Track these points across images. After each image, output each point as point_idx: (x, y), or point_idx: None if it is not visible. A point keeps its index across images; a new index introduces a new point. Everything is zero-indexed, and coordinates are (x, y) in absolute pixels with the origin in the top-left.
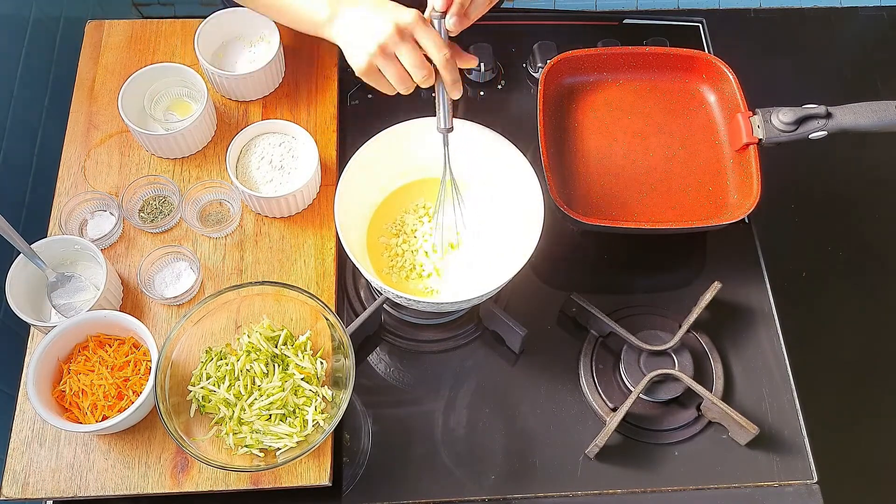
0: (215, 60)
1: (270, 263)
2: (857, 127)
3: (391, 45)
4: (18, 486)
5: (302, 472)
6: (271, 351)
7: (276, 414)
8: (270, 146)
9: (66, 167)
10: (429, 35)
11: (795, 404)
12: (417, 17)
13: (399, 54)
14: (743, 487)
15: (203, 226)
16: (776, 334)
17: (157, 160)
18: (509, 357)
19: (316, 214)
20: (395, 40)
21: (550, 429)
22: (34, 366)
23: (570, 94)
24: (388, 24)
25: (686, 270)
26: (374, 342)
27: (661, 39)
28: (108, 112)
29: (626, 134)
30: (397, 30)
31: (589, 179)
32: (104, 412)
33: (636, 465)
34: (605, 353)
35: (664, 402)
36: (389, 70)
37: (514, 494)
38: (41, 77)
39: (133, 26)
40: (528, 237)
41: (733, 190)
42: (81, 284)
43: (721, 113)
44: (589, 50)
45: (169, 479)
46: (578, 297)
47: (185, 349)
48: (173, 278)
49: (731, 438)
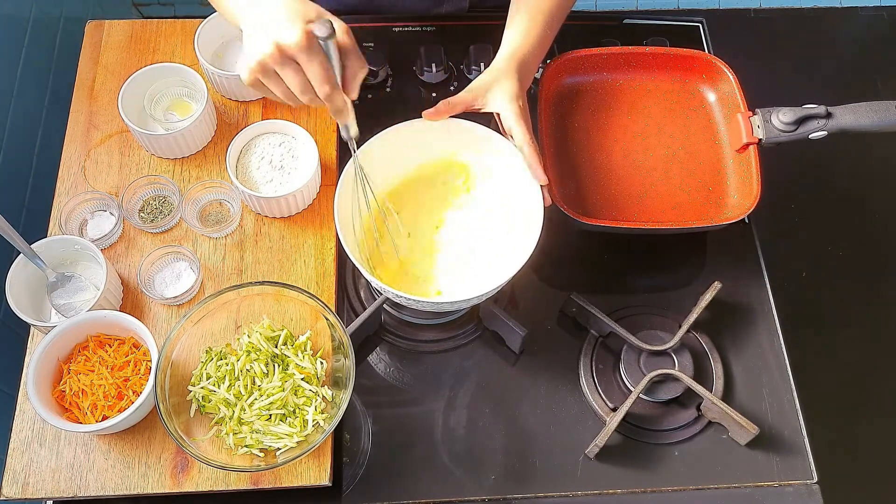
0: (215, 60)
1: (270, 263)
2: (857, 127)
3: (271, 64)
4: (18, 486)
5: (302, 472)
6: (271, 351)
7: (276, 414)
8: (270, 146)
9: (66, 167)
10: (313, 64)
11: (795, 404)
12: (302, 41)
13: (282, 75)
14: (743, 487)
15: (203, 226)
16: (776, 334)
17: (157, 160)
18: (509, 357)
19: (316, 214)
20: (276, 61)
21: (550, 429)
22: (34, 366)
23: (570, 94)
24: (268, 45)
25: (686, 270)
26: (374, 342)
27: (661, 39)
28: (108, 112)
29: (626, 134)
30: (278, 51)
31: (589, 179)
32: (104, 412)
33: (636, 465)
34: (605, 353)
35: (664, 402)
36: (273, 87)
37: (514, 494)
38: (41, 77)
39: (133, 26)
40: (528, 237)
41: (733, 190)
42: (81, 284)
43: (721, 113)
44: (589, 50)
45: (169, 479)
46: (578, 297)
47: (185, 349)
48: (173, 278)
49: (731, 438)
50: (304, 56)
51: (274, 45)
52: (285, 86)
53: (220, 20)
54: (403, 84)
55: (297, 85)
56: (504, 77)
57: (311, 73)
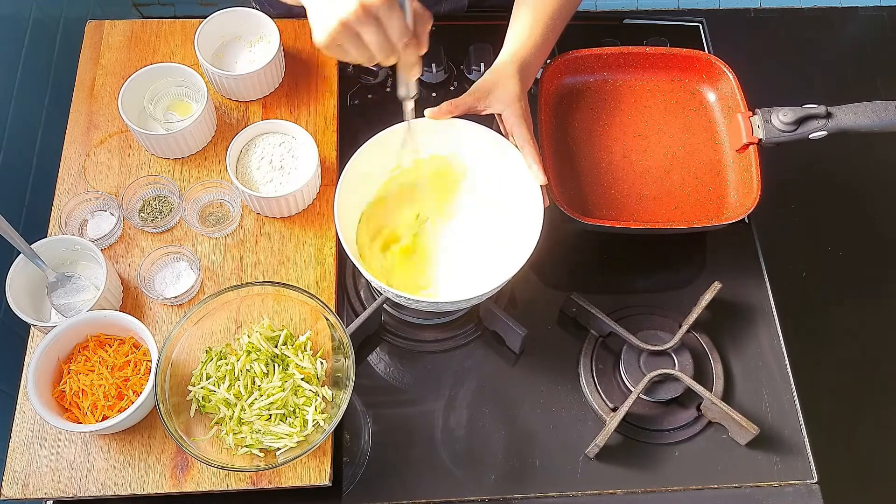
0: (215, 60)
1: (270, 263)
2: (857, 127)
3: (354, 23)
4: (18, 486)
5: (302, 472)
6: (271, 351)
7: (276, 414)
8: (270, 146)
9: (66, 167)
10: (392, 19)
11: (795, 404)
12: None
13: (362, 33)
14: (743, 487)
15: (203, 226)
16: (776, 334)
17: (157, 160)
18: (509, 357)
19: (316, 214)
20: (359, 19)
21: (550, 429)
22: (34, 366)
23: (570, 94)
24: (353, 3)
25: (686, 270)
26: (374, 342)
27: (661, 39)
28: (108, 112)
29: (626, 134)
30: (363, 8)
31: (589, 179)
32: (104, 412)
33: (636, 465)
34: (605, 353)
35: (664, 402)
36: (350, 46)
37: (514, 494)
38: (41, 77)
39: (133, 26)
40: (528, 237)
41: (733, 190)
42: (81, 284)
43: (721, 113)
44: (589, 50)
45: (169, 479)
46: (578, 297)
47: (185, 349)
48: (173, 278)
49: (731, 438)
50: (387, 11)
51: (358, 3)
52: (362, 43)
53: (220, 20)
54: None
55: (378, 43)
56: (506, 78)
57: (391, 28)
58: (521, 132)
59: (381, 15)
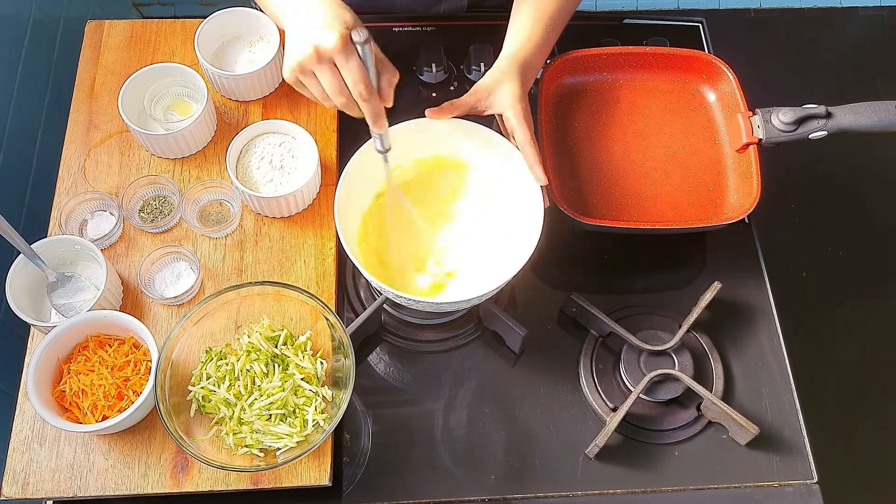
0: (215, 60)
1: (270, 263)
2: (857, 127)
3: (308, 64)
4: (18, 486)
5: (302, 472)
6: (271, 351)
7: (276, 414)
8: (270, 146)
9: (66, 167)
10: (348, 67)
11: (795, 404)
12: (339, 44)
13: (318, 75)
14: (743, 487)
15: (203, 226)
16: (776, 334)
17: (157, 160)
18: (509, 357)
19: (316, 214)
20: (313, 61)
21: (550, 429)
22: (34, 366)
23: (570, 94)
24: (308, 47)
25: (686, 270)
26: (374, 342)
27: (661, 39)
28: (108, 112)
29: (626, 134)
30: (316, 53)
31: (589, 179)
32: (104, 412)
33: (636, 465)
34: (605, 353)
35: (664, 402)
36: (310, 88)
37: (514, 494)
38: (41, 77)
39: (133, 26)
40: (529, 237)
41: (733, 190)
42: (81, 284)
43: (721, 113)
44: (589, 50)
45: (169, 479)
46: (578, 297)
47: (185, 349)
48: (173, 278)
49: (731, 438)
50: (341, 57)
51: (312, 47)
52: (321, 86)
53: (220, 20)
54: (403, 84)
55: (331, 85)
56: (507, 79)
57: (346, 74)
58: (522, 133)
59: (337, 61)
